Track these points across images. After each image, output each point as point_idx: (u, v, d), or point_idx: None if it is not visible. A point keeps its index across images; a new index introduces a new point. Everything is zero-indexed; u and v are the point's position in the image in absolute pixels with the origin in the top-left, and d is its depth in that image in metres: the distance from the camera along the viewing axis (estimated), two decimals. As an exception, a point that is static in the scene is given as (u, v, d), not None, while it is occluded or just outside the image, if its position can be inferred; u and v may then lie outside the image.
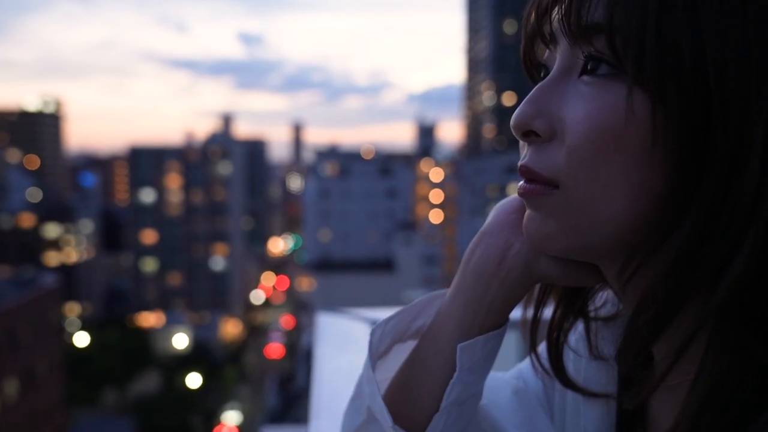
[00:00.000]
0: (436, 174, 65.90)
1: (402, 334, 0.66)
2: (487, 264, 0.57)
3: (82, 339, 52.60)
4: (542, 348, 0.63)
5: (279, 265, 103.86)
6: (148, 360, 50.95)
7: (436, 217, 64.79)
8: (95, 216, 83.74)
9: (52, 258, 74.69)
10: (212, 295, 74.04)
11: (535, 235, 0.51)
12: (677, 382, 0.43)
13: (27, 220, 75.31)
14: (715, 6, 0.41)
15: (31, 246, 74.20)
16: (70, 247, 76.19)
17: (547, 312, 0.62)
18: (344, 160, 65.50)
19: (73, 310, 68.24)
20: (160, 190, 75.09)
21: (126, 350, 48.30)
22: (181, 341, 57.87)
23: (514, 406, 0.66)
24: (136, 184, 75.54)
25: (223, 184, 76.03)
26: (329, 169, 63.75)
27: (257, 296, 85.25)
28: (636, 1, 0.43)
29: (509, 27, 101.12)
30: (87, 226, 79.62)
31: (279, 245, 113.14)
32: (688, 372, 0.43)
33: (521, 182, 0.50)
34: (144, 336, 55.90)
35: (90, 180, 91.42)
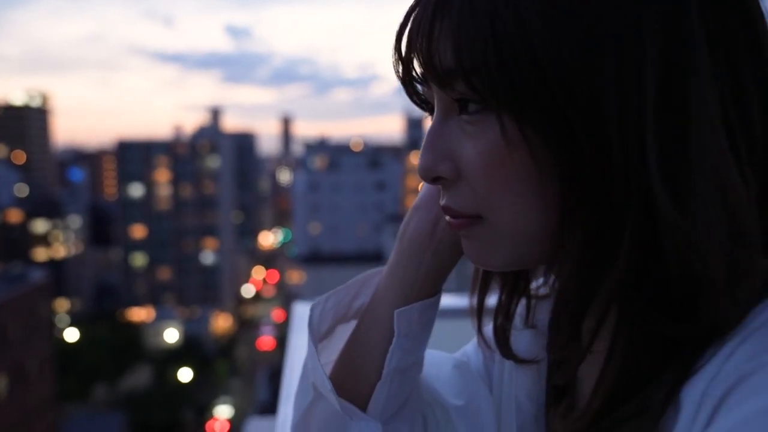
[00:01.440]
0: (425, 166, 66.02)
1: (344, 314, 0.70)
2: (419, 237, 0.62)
3: (71, 335, 52.49)
4: (488, 327, 0.67)
5: (269, 259, 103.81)
6: (138, 355, 50.91)
7: (425, 209, 64.89)
8: (84, 211, 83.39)
9: (41, 254, 74.36)
10: (202, 290, 74.00)
11: (473, 259, 0.56)
12: (600, 351, 0.48)
13: (14, 215, 74.88)
14: (544, 27, 0.44)
15: (19, 242, 73.83)
16: (59, 242, 75.86)
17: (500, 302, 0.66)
18: (333, 153, 65.48)
19: (62, 305, 68.05)
20: (149, 184, 74.85)
21: (116, 345, 48.22)
22: (171, 336, 57.87)
23: (454, 378, 0.71)
24: (124, 178, 75.25)
25: (212, 178, 75.87)
26: (318, 162, 63.75)
27: (248, 290, 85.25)
28: (475, 41, 0.46)
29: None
30: (75, 221, 79.29)
31: (269, 239, 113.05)
32: (608, 342, 0.49)
33: (448, 218, 0.54)
34: (134, 331, 55.82)
35: (78, 175, 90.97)
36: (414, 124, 70.75)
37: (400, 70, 0.53)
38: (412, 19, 0.51)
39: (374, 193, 62.51)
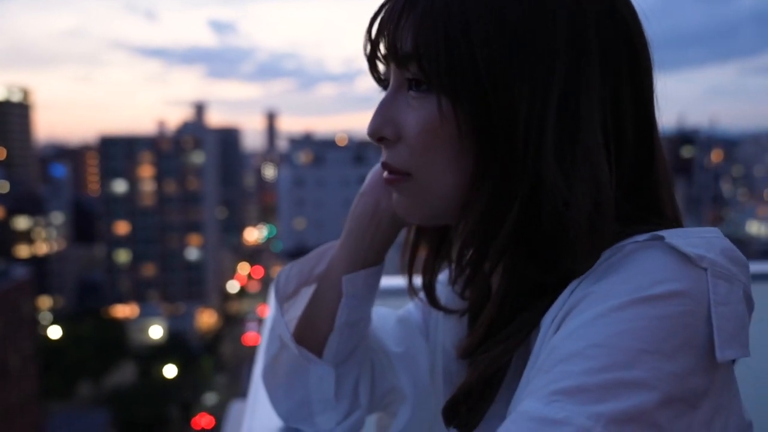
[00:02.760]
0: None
1: (306, 278, 0.86)
2: (364, 216, 0.78)
3: (54, 332, 52.17)
4: (440, 281, 0.82)
5: (254, 254, 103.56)
6: (122, 352, 50.70)
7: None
8: (66, 207, 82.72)
9: (23, 251, 73.73)
10: (187, 286, 73.73)
11: (400, 211, 0.69)
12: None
13: (-4, 212, 74.19)
14: (484, 36, 0.58)
15: (1, 239, 73.15)
16: (41, 239, 75.25)
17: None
18: (318, 148, 65.44)
19: (45, 303, 67.54)
20: (132, 180, 74.37)
21: (100, 342, 47.97)
22: (156, 332, 57.66)
23: (396, 330, 0.88)
24: (107, 174, 74.69)
25: (197, 174, 75.49)
26: (303, 157, 63.67)
27: (233, 286, 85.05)
28: (430, 33, 0.60)
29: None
30: (58, 217, 78.65)
31: (254, 234, 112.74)
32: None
33: (385, 173, 0.68)
34: (118, 328, 55.53)
35: (60, 171, 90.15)
36: (398, 119, 70.86)
37: (368, 49, 0.66)
38: (384, 9, 0.64)
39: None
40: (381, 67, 0.68)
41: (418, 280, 0.81)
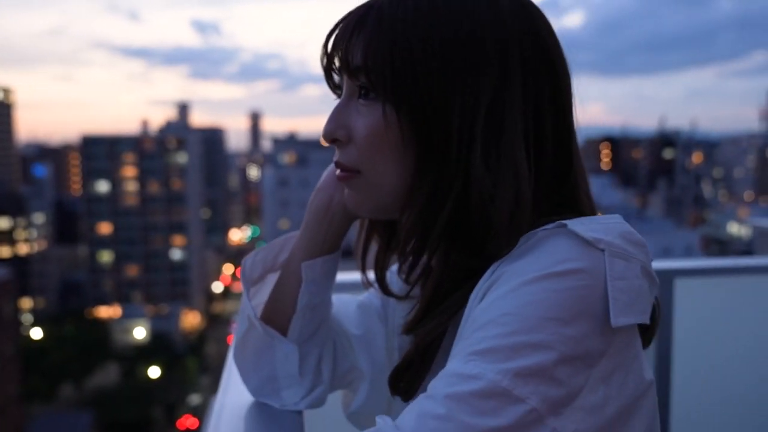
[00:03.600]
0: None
1: (271, 265, 0.95)
2: (319, 210, 0.86)
3: (36, 333, 51.73)
4: (390, 274, 0.92)
5: (238, 255, 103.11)
6: (106, 353, 50.38)
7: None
8: (48, 207, 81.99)
9: (4, 251, 72.99)
10: (171, 287, 73.36)
11: (351, 205, 0.78)
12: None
13: (-24, 213, 73.37)
14: (424, 56, 0.68)
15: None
16: (23, 239, 74.52)
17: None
18: (302, 148, 65.42)
19: (26, 304, 66.90)
20: (115, 180, 73.87)
21: (83, 344, 47.66)
22: (139, 333, 57.36)
23: (356, 314, 0.96)
24: (89, 174, 74.13)
25: (180, 174, 75.12)
26: (287, 157, 63.63)
27: (217, 286, 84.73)
28: (377, 49, 0.69)
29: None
30: (40, 217, 77.93)
31: (238, 235, 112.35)
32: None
33: (337, 171, 0.77)
34: (101, 329, 55.17)
35: (42, 171, 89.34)
36: (383, 120, 70.95)
37: (324, 61, 0.75)
38: (339, 27, 0.74)
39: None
40: (335, 77, 0.77)
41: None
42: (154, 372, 47.67)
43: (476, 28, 0.68)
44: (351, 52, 0.71)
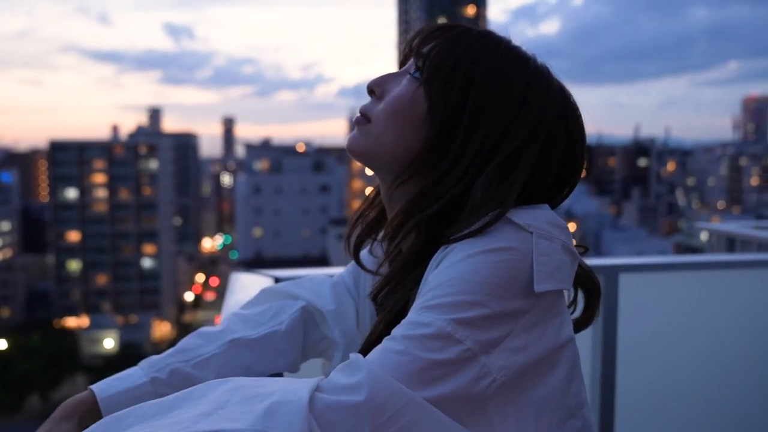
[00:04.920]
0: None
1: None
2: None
3: (1, 344, 50.18)
4: (364, 253, 1.06)
5: (211, 263, 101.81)
6: (74, 364, 49.11)
7: (370, 212, 64.58)
8: (15, 215, 79.99)
9: (-32, 260, 70.98)
10: (141, 296, 71.93)
11: (350, 143, 0.89)
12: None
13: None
14: (476, 93, 0.82)
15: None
16: (-13, 247, 72.51)
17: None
18: (276, 155, 64.66)
19: (-9, 314, 65.04)
20: (84, 187, 72.34)
21: (50, 355, 46.38)
22: (108, 344, 56.00)
23: (330, 292, 1.08)
24: (57, 180, 72.47)
25: (151, 181, 73.84)
26: (261, 164, 62.82)
27: (188, 295, 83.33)
28: (443, 50, 0.84)
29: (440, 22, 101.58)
30: (5, 225, 75.96)
31: (210, 243, 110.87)
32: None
33: (357, 115, 0.89)
34: (69, 339, 53.80)
35: (8, 177, 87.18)
36: (358, 127, 70.36)
37: (406, 47, 0.90)
38: (431, 24, 0.89)
39: (318, 196, 61.93)
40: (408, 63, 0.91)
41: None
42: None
43: (528, 91, 0.83)
44: (426, 42, 0.86)
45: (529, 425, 0.71)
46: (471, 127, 0.82)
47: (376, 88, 0.88)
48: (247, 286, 1.70)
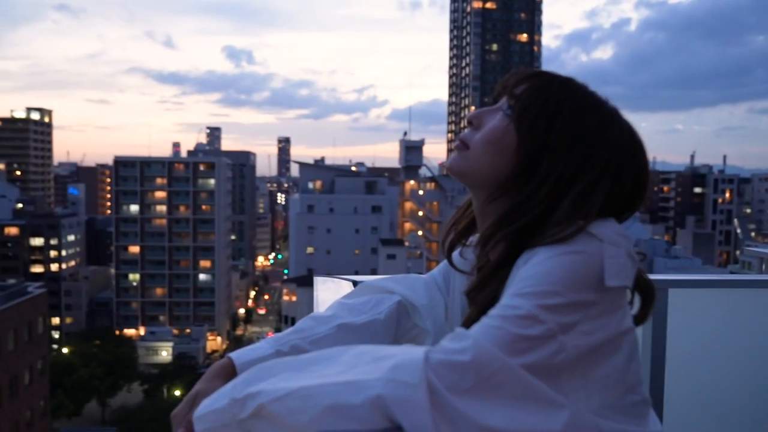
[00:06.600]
0: (421, 190, 66.48)
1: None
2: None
3: (64, 350, 52.38)
4: (455, 255, 1.20)
5: (263, 279, 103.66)
6: (131, 373, 50.81)
7: (420, 232, 65.27)
8: (80, 227, 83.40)
9: (37, 269, 74.31)
10: (196, 308, 73.90)
11: (450, 163, 1.04)
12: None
13: (12, 230, 74.95)
14: (558, 140, 0.97)
15: (16, 256, 73.80)
16: (55, 258, 75.82)
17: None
18: (330, 175, 65.94)
19: (56, 321, 67.80)
20: (145, 201, 75.01)
21: (109, 362, 48.13)
22: (164, 354, 57.78)
23: (423, 288, 1.23)
24: (120, 195, 75.40)
25: (209, 197, 76.10)
26: (314, 184, 64.21)
27: (241, 310, 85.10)
28: (533, 93, 0.99)
29: (493, 48, 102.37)
30: (72, 237, 79.31)
31: (263, 259, 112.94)
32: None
33: (457, 142, 1.05)
34: (127, 348, 55.68)
35: (76, 191, 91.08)
36: (411, 149, 71.33)
37: (500, 85, 1.06)
38: (526, 69, 1.06)
39: (370, 216, 62.86)
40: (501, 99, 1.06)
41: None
42: (177, 393, 47.92)
43: (602, 130, 0.98)
44: (519, 84, 1.01)
45: (595, 395, 0.85)
46: (553, 159, 0.96)
47: (475, 120, 1.03)
48: (329, 288, 1.96)
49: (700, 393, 2.22)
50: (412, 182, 67.42)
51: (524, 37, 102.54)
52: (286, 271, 75.35)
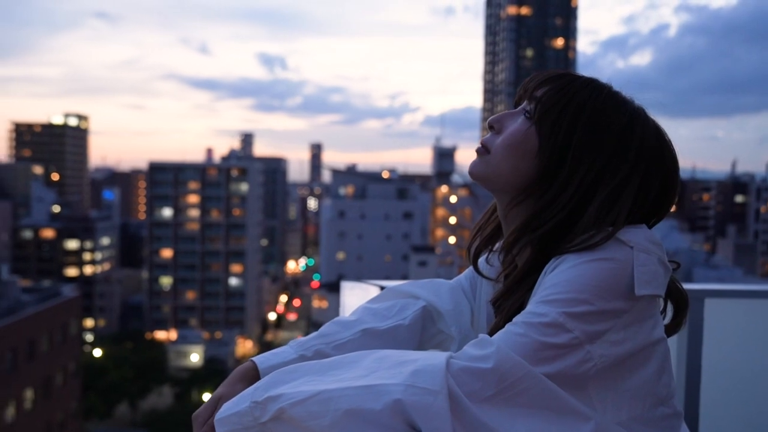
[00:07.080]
0: (453, 197, 65.82)
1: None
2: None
3: (97, 352, 52.81)
4: (481, 261, 1.17)
5: (294, 284, 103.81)
6: (161, 375, 51.00)
7: (451, 239, 64.62)
8: (115, 231, 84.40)
9: (71, 271, 75.29)
10: (226, 313, 74.14)
11: (472, 168, 1.02)
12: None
13: (48, 233, 76.12)
14: (581, 136, 0.94)
15: (51, 259, 74.90)
16: (89, 261, 76.77)
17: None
18: (361, 181, 65.68)
19: (89, 323, 68.54)
20: (178, 206, 75.61)
21: (140, 365, 48.35)
22: (194, 358, 57.96)
23: (448, 294, 1.19)
24: (154, 199, 76.11)
25: (241, 202, 76.41)
26: (346, 189, 64.01)
27: (272, 314, 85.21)
28: (554, 95, 0.97)
29: (527, 54, 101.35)
30: (106, 240, 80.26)
31: (294, 265, 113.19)
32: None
33: (479, 145, 1.02)
34: (158, 351, 55.96)
35: (111, 195, 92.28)
36: (443, 155, 70.77)
37: (521, 90, 1.03)
38: (545, 72, 1.03)
39: (401, 222, 62.44)
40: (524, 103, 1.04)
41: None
42: (206, 397, 47.80)
43: (626, 131, 0.96)
44: (540, 87, 0.99)
45: (624, 407, 0.84)
46: (575, 161, 0.94)
47: (496, 124, 1.00)
48: (356, 293, 1.97)
49: (737, 407, 2.18)
50: (444, 189, 66.83)
51: (559, 42, 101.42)
52: (316, 276, 75.23)
